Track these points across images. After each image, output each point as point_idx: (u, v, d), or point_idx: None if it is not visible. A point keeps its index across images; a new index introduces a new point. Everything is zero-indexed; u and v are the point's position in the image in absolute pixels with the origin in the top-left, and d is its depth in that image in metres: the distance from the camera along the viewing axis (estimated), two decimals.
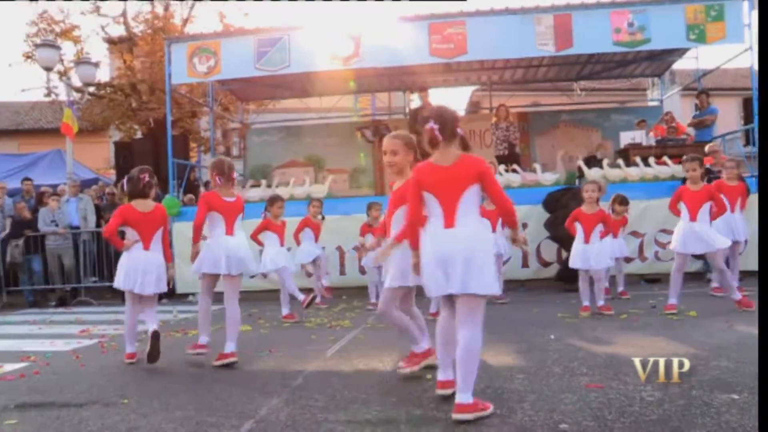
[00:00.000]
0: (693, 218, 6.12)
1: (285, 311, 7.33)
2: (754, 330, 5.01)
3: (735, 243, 7.32)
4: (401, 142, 3.99)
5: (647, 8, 9.53)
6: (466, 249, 3.08)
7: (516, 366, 4.21)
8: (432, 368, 4.20)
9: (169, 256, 5.33)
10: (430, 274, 3.20)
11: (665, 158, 9.77)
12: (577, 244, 6.67)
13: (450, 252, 3.11)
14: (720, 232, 6.41)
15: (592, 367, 4.01)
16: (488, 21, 9.74)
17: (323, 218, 8.53)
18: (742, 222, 7.51)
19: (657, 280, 9.12)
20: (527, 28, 9.64)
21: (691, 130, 11.93)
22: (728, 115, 18.67)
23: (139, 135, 16.13)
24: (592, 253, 6.51)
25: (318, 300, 8.20)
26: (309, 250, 8.27)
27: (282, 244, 7.45)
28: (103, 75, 17.50)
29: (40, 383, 4.45)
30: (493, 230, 8.06)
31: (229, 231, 4.98)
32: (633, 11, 9.53)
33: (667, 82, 14.57)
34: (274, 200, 7.41)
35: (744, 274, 8.98)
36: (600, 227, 6.58)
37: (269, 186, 10.35)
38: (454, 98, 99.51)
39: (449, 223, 3.18)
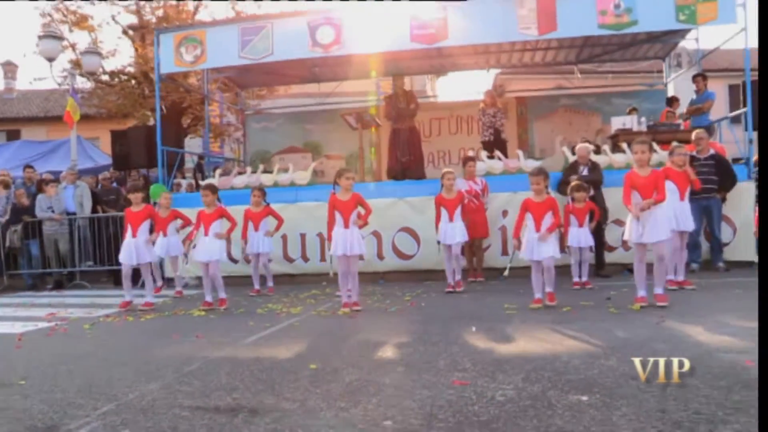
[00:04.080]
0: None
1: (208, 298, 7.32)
2: (681, 326, 4.90)
3: (681, 233, 7.17)
4: None
5: None
6: None
7: (405, 359, 4.18)
8: (319, 359, 4.25)
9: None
10: None
11: (653, 144, 9.48)
12: (527, 234, 6.54)
13: None
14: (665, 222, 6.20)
15: (477, 363, 3.91)
16: (470, 5, 9.55)
17: (268, 205, 8.74)
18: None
19: None
20: (509, 11, 9.45)
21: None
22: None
23: (152, 122, 16.49)
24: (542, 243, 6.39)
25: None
26: (250, 241, 8.59)
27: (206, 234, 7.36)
28: (120, 63, 17.90)
29: None
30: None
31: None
32: None
33: (680, 63, 14.09)
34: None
35: (731, 265, 8.79)
36: (550, 216, 6.46)
37: (254, 172, 10.47)
38: (479, 81, 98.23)
39: None
